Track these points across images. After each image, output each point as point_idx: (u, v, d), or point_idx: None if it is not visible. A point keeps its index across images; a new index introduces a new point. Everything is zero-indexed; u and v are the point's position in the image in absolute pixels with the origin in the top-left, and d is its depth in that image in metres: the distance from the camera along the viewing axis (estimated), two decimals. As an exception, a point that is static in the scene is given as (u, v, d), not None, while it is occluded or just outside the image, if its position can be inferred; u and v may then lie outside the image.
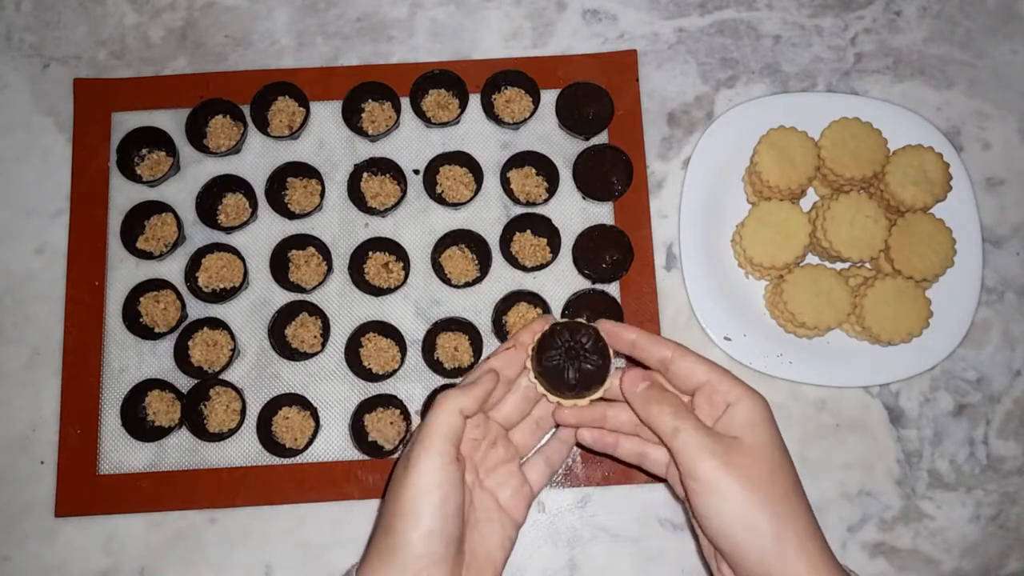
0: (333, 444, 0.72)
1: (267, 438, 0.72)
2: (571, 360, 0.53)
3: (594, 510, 0.72)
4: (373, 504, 0.71)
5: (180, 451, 0.72)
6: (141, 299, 0.74)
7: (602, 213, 0.77)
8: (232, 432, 0.72)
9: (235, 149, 0.77)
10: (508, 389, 0.56)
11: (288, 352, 0.73)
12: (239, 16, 0.82)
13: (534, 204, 0.76)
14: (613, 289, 0.75)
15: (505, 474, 0.54)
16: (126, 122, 0.78)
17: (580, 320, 0.55)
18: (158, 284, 0.74)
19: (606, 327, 0.55)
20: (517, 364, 0.55)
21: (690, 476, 0.49)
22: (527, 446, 0.57)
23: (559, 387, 0.54)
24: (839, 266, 0.76)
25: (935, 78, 0.81)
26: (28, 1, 0.83)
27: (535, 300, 0.74)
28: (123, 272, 0.76)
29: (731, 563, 0.49)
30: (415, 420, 0.72)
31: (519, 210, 0.76)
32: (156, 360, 0.74)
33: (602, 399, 0.55)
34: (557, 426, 0.58)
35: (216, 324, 0.73)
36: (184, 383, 0.73)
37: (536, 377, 0.55)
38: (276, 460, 0.72)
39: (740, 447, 0.49)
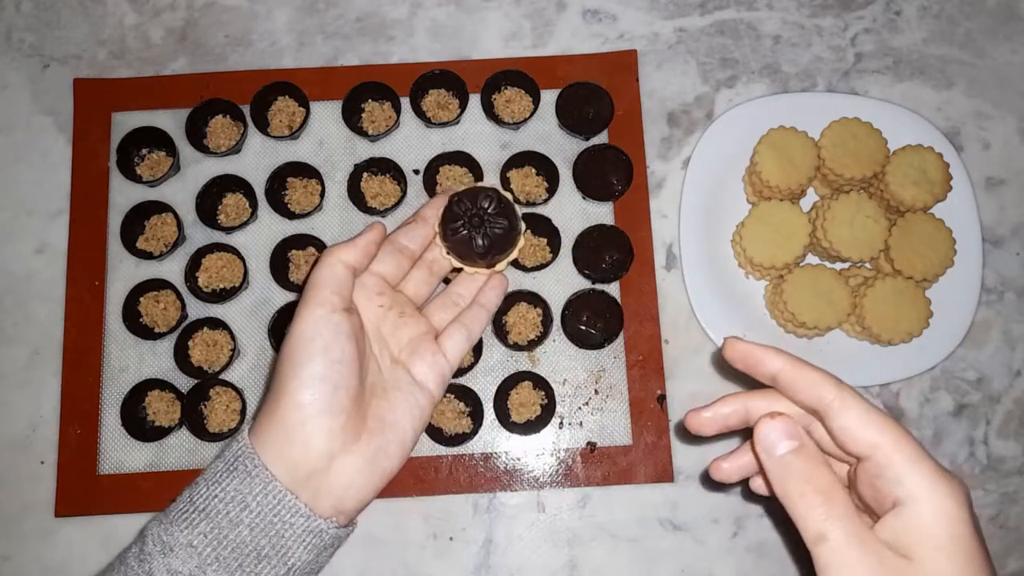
0: (333, 444, 0.72)
1: (267, 438, 0.72)
2: (476, 228, 0.51)
3: (594, 510, 0.72)
4: (373, 504, 0.70)
5: (180, 451, 0.72)
6: (141, 299, 0.74)
7: (602, 213, 0.77)
8: (232, 432, 0.72)
9: (235, 149, 0.77)
10: (412, 263, 0.53)
11: (288, 352, 0.73)
12: (239, 16, 0.82)
13: (534, 204, 0.76)
14: (613, 289, 0.75)
15: (418, 348, 0.51)
16: (126, 122, 0.78)
17: (480, 184, 0.53)
18: (158, 284, 0.74)
19: (736, 348, 0.41)
20: (420, 238, 0.53)
21: None
22: (444, 322, 0.54)
23: (470, 256, 0.52)
24: (839, 266, 0.76)
25: (935, 78, 0.81)
26: (28, 1, 0.83)
27: (535, 300, 0.74)
28: (123, 272, 0.76)
29: None
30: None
31: (519, 210, 0.76)
32: (156, 360, 0.74)
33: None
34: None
35: (216, 324, 0.73)
36: (184, 383, 0.73)
37: (448, 253, 0.53)
38: (276, 460, 0.72)
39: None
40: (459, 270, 0.54)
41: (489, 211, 0.51)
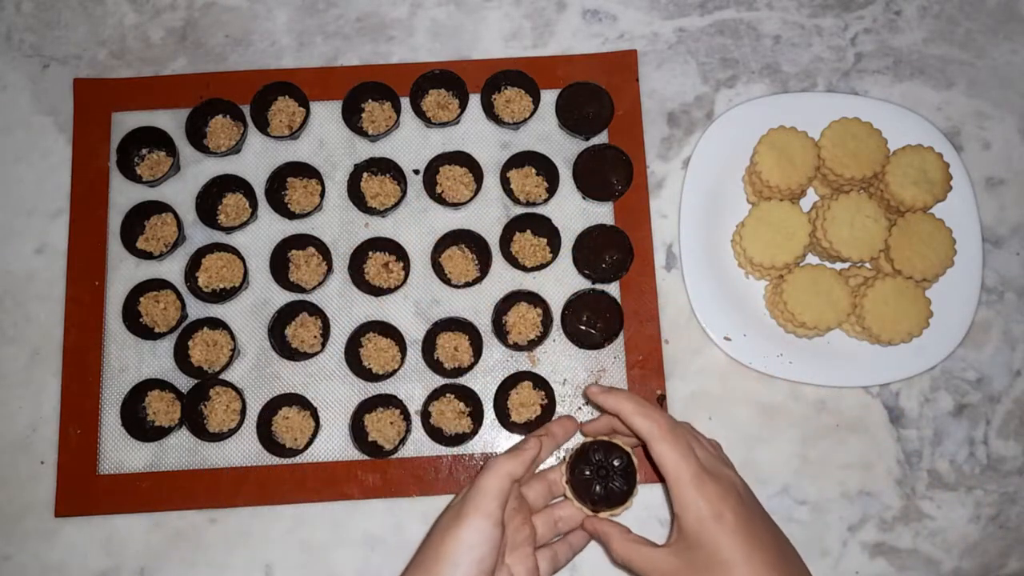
0: (333, 444, 0.72)
1: (267, 438, 0.72)
2: (601, 479, 0.58)
3: (594, 510, 0.72)
4: (373, 504, 0.71)
5: (180, 451, 0.72)
6: (141, 299, 0.74)
7: (602, 213, 0.77)
8: (232, 432, 0.72)
9: (235, 149, 0.77)
10: (533, 473, 0.60)
11: (288, 352, 0.73)
12: (239, 16, 0.82)
13: (534, 204, 0.76)
14: (613, 289, 0.75)
15: (524, 556, 0.57)
16: (126, 122, 0.78)
17: (617, 442, 0.59)
18: (158, 284, 0.74)
19: (591, 391, 0.58)
20: (550, 452, 0.61)
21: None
22: (542, 537, 0.60)
23: (584, 498, 0.59)
24: (839, 266, 0.76)
25: (935, 78, 0.81)
26: (28, 1, 0.83)
27: (535, 300, 0.74)
28: (123, 272, 0.76)
29: None
30: (415, 420, 0.72)
31: (519, 210, 0.76)
32: (156, 360, 0.74)
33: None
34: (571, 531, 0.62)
35: (216, 324, 0.73)
36: (184, 383, 0.73)
37: (566, 482, 0.59)
38: (276, 460, 0.72)
39: (673, 551, 0.53)
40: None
41: (617, 468, 0.58)
